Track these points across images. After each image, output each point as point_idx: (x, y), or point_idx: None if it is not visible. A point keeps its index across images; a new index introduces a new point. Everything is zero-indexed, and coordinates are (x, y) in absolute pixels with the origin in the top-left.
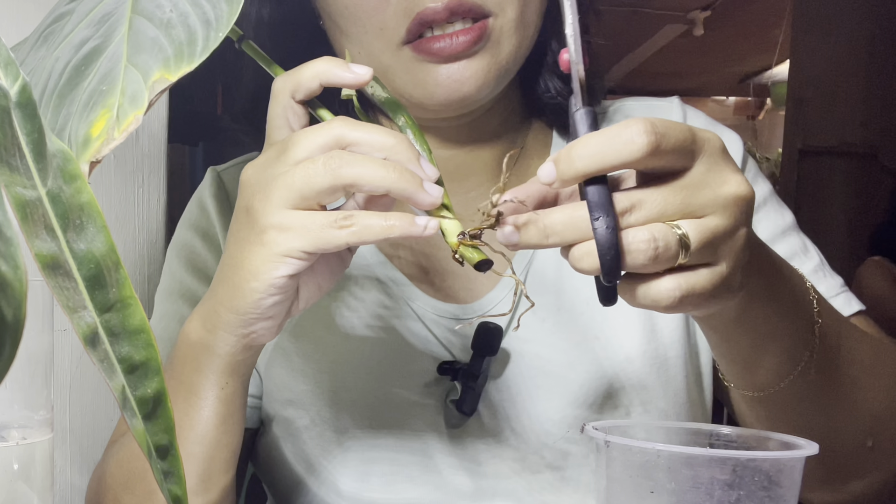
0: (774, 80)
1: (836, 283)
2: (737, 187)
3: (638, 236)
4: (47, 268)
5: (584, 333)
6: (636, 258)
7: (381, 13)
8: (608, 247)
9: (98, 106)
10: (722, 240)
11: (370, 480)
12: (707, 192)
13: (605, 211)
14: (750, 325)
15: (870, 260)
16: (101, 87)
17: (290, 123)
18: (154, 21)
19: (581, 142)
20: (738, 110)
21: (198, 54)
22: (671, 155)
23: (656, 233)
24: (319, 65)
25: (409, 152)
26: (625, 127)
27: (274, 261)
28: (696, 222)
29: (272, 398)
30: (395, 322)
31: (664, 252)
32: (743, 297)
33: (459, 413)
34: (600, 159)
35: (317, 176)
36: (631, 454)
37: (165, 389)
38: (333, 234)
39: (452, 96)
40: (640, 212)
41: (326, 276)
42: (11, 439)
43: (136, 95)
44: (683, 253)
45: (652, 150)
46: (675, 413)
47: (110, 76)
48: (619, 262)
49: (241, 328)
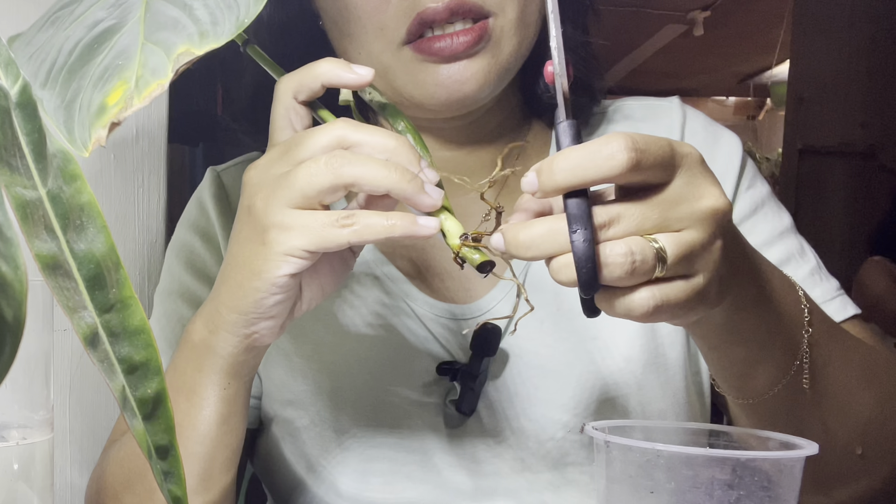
0: (774, 80)
1: (832, 287)
2: (714, 201)
3: (615, 250)
4: (47, 268)
5: (583, 334)
6: (613, 271)
7: (381, 13)
8: (584, 259)
9: (114, 78)
10: (698, 253)
11: (370, 480)
12: (684, 207)
13: (584, 224)
14: (737, 333)
15: (870, 260)
16: (117, 62)
17: (293, 124)
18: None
19: (562, 155)
20: (738, 110)
21: (225, 34)
22: (651, 170)
23: (634, 246)
24: (322, 66)
25: (410, 154)
26: (606, 142)
27: (276, 260)
28: (673, 236)
29: (272, 398)
30: (395, 322)
31: (641, 265)
32: (729, 305)
33: (459, 413)
34: (581, 173)
35: (319, 175)
36: (631, 454)
37: (165, 390)
38: (335, 233)
39: (453, 96)
40: (618, 226)
41: (329, 277)
42: (11, 439)
43: (157, 67)
44: (660, 266)
45: (633, 166)
46: (675, 413)
47: (126, 52)
48: (596, 274)
49: (243, 328)
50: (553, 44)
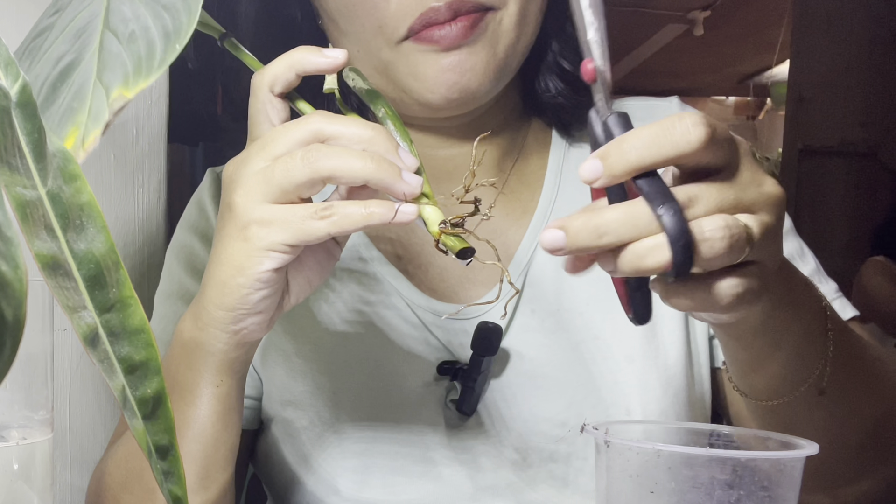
0: (774, 80)
1: (831, 289)
2: (774, 187)
3: (713, 224)
4: (47, 268)
5: (584, 333)
6: (713, 246)
7: (381, 11)
8: (678, 234)
9: (68, 123)
10: (771, 237)
11: (369, 481)
12: (754, 190)
13: (669, 200)
14: (770, 331)
15: (871, 260)
16: (73, 105)
17: (270, 118)
18: (119, 36)
19: (633, 134)
20: (738, 110)
21: (155, 68)
22: (722, 149)
23: (729, 221)
24: (294, 55)
25: (387, 143)
26: (679, 119)
27: (258, 255)
28: (753, 217)
29: (271, 399)
30: (394, 322)
31: (738, 242)
32: (767, 303)
33: (459, 413)
34: (656, 150)
35: (295, 170)
36: (631, 454)
37: (165, 389)
38: (314, 226)
39: (453, 88)
40: (699, 205)
41: (315, 270)
42: (11, 439)
43: (98, 114)
44: (749, 246)
45: (709, 139)
46: (675, 413)
47: (81, 92)
48: (692, 253)
49: (231, 324)
50: (593, 36)
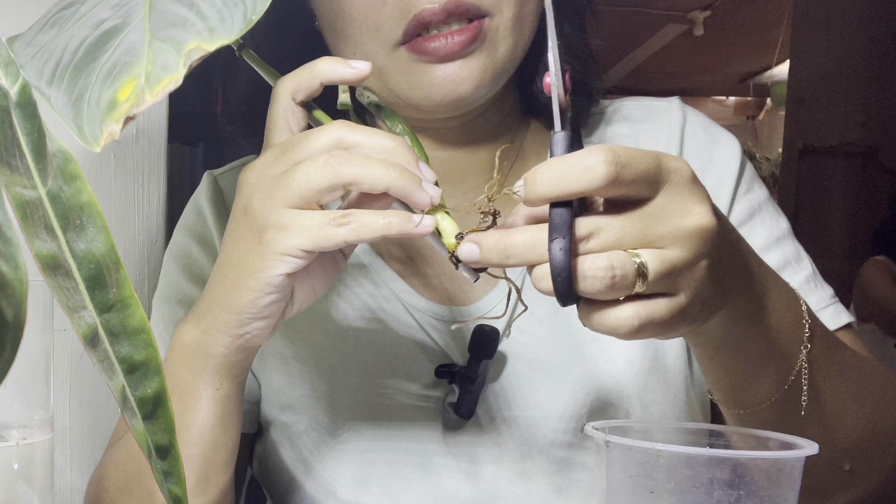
0: (774, 80)
1: (826, 295)
2: (699, 219)
3: (596, 263)
4: (47, 268)
5: (583, 335)
6: (592, 284)
7: (377, 14)
8: (559, 269)
9: (123, 74)
10: (681, 272)
11: (368, 484)
12: (667, 223)
13: (563, 234)
14: (735, 345)
15: (872, 259)
16: (125, 59)
17: (290, 126)
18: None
19: (545, 165)
20: (738, 110)
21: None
22: (632, 185)
23: (615, 260)
24: (319, 64)
25: (408, 155)
26: (587, 154)
27: (272, 259)
28: (655, 252)
29: (270, 403)
30: (393, 326)
31: (621, 280)
32: (727, 318)
33: (457, 416)
34: (561, 185)
35: (317, 174)
36: (631, 454)
37: (165, 389)
38: (332, 232)
39: (448, 97)
40: (598, 238)
41: (321, 279)
42: (11, 439)
43: (168, 63)
44: (641, 282)
45: (611, 180)
46: (675, 415)
47: (134, 50)
48: (573, 285)
49: (236, 328)
50: (550, 55)
